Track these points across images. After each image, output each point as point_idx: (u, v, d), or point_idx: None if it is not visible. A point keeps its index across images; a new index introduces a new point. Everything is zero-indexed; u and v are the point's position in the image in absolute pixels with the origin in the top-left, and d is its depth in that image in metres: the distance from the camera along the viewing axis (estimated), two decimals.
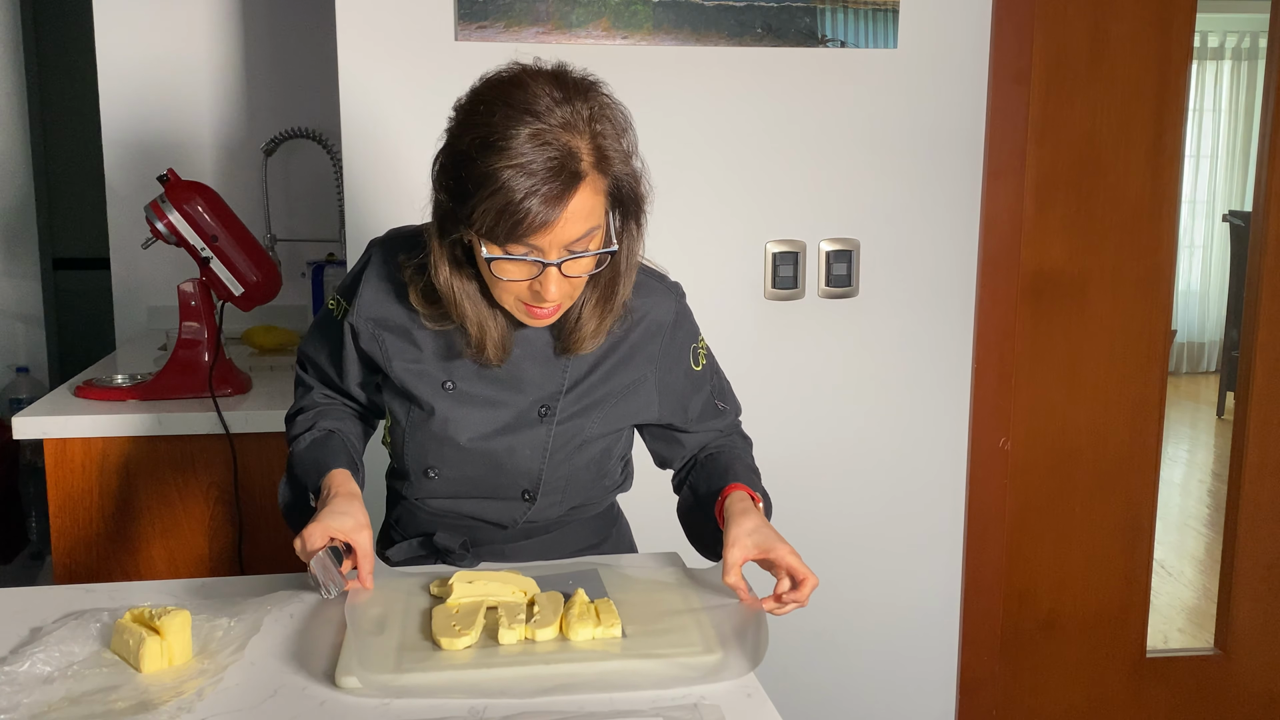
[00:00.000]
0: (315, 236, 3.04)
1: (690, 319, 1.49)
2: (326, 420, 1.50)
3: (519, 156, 1.18)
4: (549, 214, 1.19)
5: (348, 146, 2.10)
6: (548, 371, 1.39)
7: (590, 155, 1.22)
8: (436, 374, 1.40)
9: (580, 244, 1.25)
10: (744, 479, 1.45)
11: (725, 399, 1.56)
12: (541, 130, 1.19)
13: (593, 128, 1.23)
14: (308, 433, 1.47)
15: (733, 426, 1.58)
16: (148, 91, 2.99)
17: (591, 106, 1.23)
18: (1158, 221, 2.43)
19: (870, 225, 2.28)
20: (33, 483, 3.53)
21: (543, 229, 1.20)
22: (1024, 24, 2.28)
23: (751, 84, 2.19)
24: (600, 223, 1.26)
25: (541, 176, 1.18)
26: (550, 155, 1.18)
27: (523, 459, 1.41)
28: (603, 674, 1.17)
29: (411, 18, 2.08)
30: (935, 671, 2.45)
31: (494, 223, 1.20)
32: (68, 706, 1.11)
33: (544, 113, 1.20)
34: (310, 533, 1.28)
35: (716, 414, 1.54)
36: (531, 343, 1.39)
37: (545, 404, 1.40)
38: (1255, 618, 2.64)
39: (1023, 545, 2.50)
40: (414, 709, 1.11)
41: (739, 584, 1.33)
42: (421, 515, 1.51)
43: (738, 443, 1.57)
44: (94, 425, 2.09)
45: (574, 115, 1.21)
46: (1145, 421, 2.49)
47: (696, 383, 1.50)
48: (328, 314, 1.48)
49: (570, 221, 1.22)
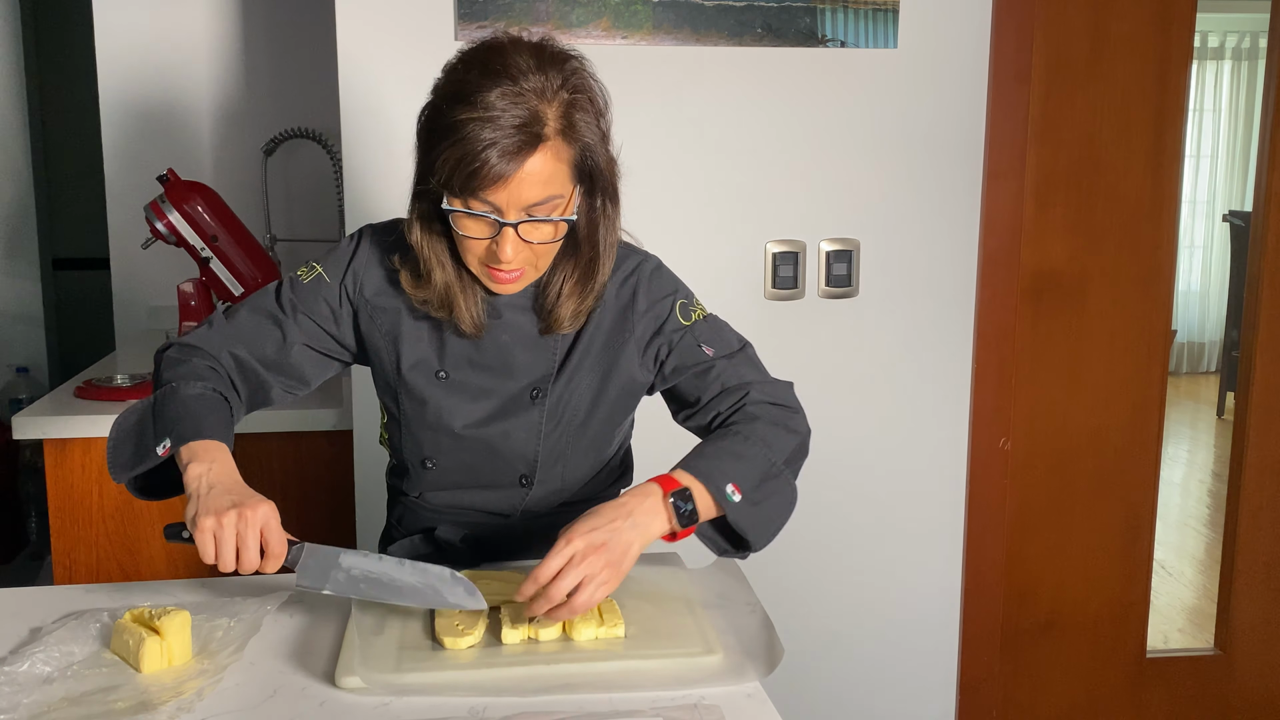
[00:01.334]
0: (315, 236, 3.04)
1: (666, 277, 1.44)
2: (221, 383, 1.37)
3: (485, 110, 1.20)
4: (504, 168, 1.21)
5: (348, 146, 2.10)
6: (537, 355, 1.40)
7: (557, 122, 1.24)
8: (430, 363, 1.41)
9: (540, 209, 1.26)
10: (684, 464, 1.30)
11: (715, 344, 1.42)
12: (511, 91, 1.21)
13: (563, 97, 1.24)
14: (199, 383, 1.33)
15: (746, 388, 1.40)
16: (147, 91, 2.99)
17: (566, 77, 1.26)
18: (1158, 221, 2.43)
19: (870, 225, 2.28)
20: (33, 483, 3.54)
21: (498, 183, 1.22)
22: (1024, 24, 2.28)
23: (751, 84, 2.19)
24: (563, 193, 1.27)
25: (504, 131, 1.20)
26: (515, 114, 1.21)
27: (517, 442, 1.42)
28: (605, 674, 1.17)
29: (412, 17, 2.08)
30: (935, 671, 2.45)
31: (453, 171, 1.22)
32: (67, 707, 1.11)
33: (517, 76, 1.22)
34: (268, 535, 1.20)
35: (701, 360, 1.41)
36: (519, 328, 1.40)
37: (537, 386, 1.40)
38: (1255, 618, 2.64)
39: (1023, 545, 2.50)
40: (414, 709, 1.11)
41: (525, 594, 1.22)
42: (424, 512, 1.51)
43: (749, 425, 1.36)
44: (94, 425, 2.09)
45: (546, 83, 1.23)
46: (1145, 421, 2.50)
47: (680, 333, 1.42)
48: (295, 279, 1.42)
49: (527, 182, 1.23)
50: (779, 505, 1.34)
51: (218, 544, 1.18)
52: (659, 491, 1.26)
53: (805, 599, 2.37)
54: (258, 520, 1.19)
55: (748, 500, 1.29)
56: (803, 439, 1.40)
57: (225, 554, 1.18)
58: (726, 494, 1.28)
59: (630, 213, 1.54)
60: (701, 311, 1.45)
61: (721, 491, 1.28)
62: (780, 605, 2.27)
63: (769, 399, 1.40)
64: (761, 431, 1.35)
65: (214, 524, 1.18)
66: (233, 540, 1.18)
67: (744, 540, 1.33)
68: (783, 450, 1.35)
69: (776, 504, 1.34)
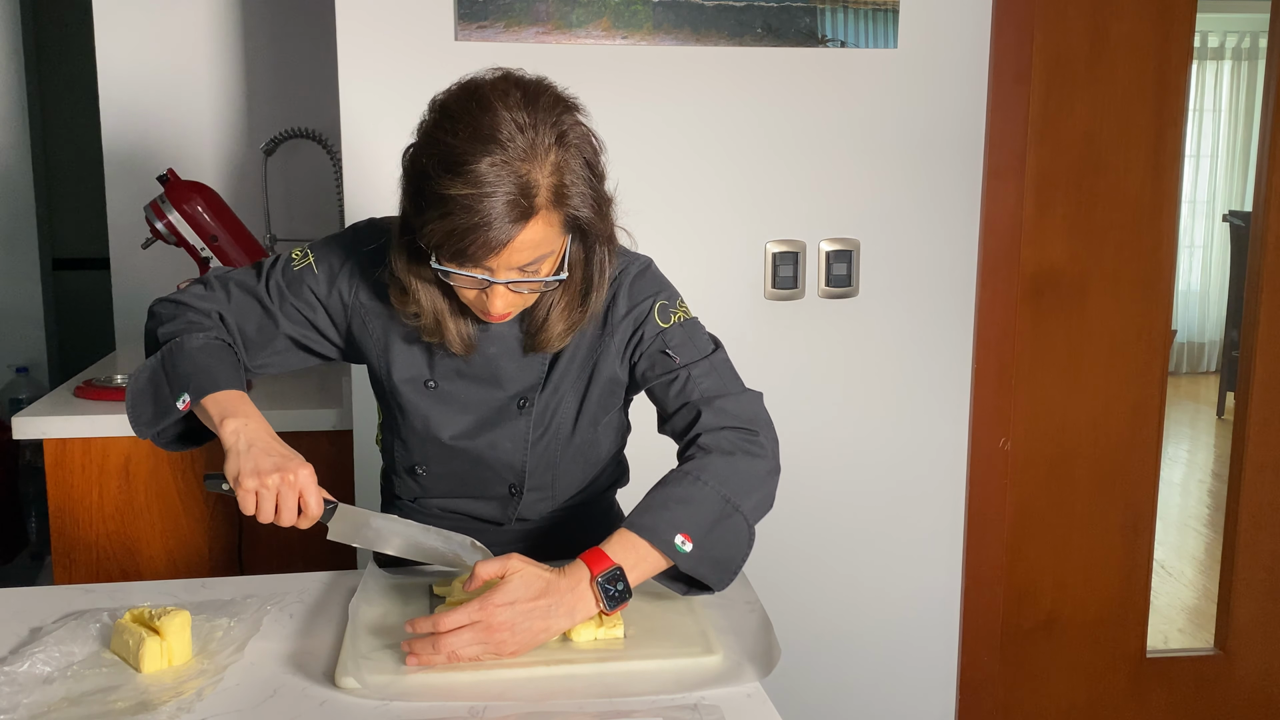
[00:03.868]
0: (315, 236, 3.04)
1: (648, 280, 1.42)
2: (222, 334, 1.39)
3: (473, 185, 1.17)
4: (496, 245, 1.19)
5: (348, 146, 2.10)
6: (525, 366, 1.40)
7: (548, 191, 1.20)
8: (420, 373, 1.41)
9: (530, 268, 1.25)
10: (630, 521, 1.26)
11: (681, 350, 1.39)
12: (501, 160, 1.17)
13: (553, 158, 1.20)
14: (201, 334, 1.36)
15: (700, 406, 1.35)
16: (148, 92, 2.99)
17: (561, 132, 1.21)
18: (1158, 221, 2.43)
19: (870, 225, 2.28)
20: (33, 483, 3.54)
21: (489, 257, 1.21)
22: (1024, 24, 2.28)
23: (751, 84, 2.19)
24: (554, 249, 1.26)
25: (496, 209, 1.17)
26: (506, 190, 1.17)
27: (504, 452, 1.42)
28: (604, 675, 1.17)
29: (411, 18, 2.08)
30: (935, 671, 2.45)
31: (442, 242, 1.21)
32: (67, 707, 1.11)
33: (506, 141, 1.18)
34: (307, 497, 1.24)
35: (667, 368, 1.38)
36: (505, 339, 1.39)
37: (524, 396, 1.40)
38: (1255, 618, 2.64)
39: (1023, 545, 2.50)
40: (414, 709, 1.11)
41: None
42: (419, 518, 1.51)
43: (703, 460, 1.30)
44: (94, 425, 2.09)
45: (538, 140, 1.19)
46: (1145, 421, 2.49)
47: (653, 334, 1.40)
48: (287, 263, 1.42)
49: (518, 250, 1.21)
50: (734, 546, 1.29)
51: (259, 501, 1.24)
52: (587, 576, 1.21)
53: (805, 599, 2.37)
54: (298, 483, 1.24)
55: (699, 547, 1.25)
56: (768, 462, 1.34)
57: (265, 511, 1.24)
58: (676, 546, 1.24)
59: (630, 213, 1.54)
60: (681, 314, 1.41)
61: (670, 545, 1.24)
62: (780, 605, 2.27)
63: (727, 424, 1.34)
64: (715, 467, 1.29)
65: (257, 484, 1.23)
66: (273, 500, 1.24)
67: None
68: (740, 484, 1.30)
69: (731, 545, 1.29)
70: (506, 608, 1.17)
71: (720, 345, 1.43)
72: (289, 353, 1.43)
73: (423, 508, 1.50)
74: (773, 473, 1.35)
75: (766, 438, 1.36)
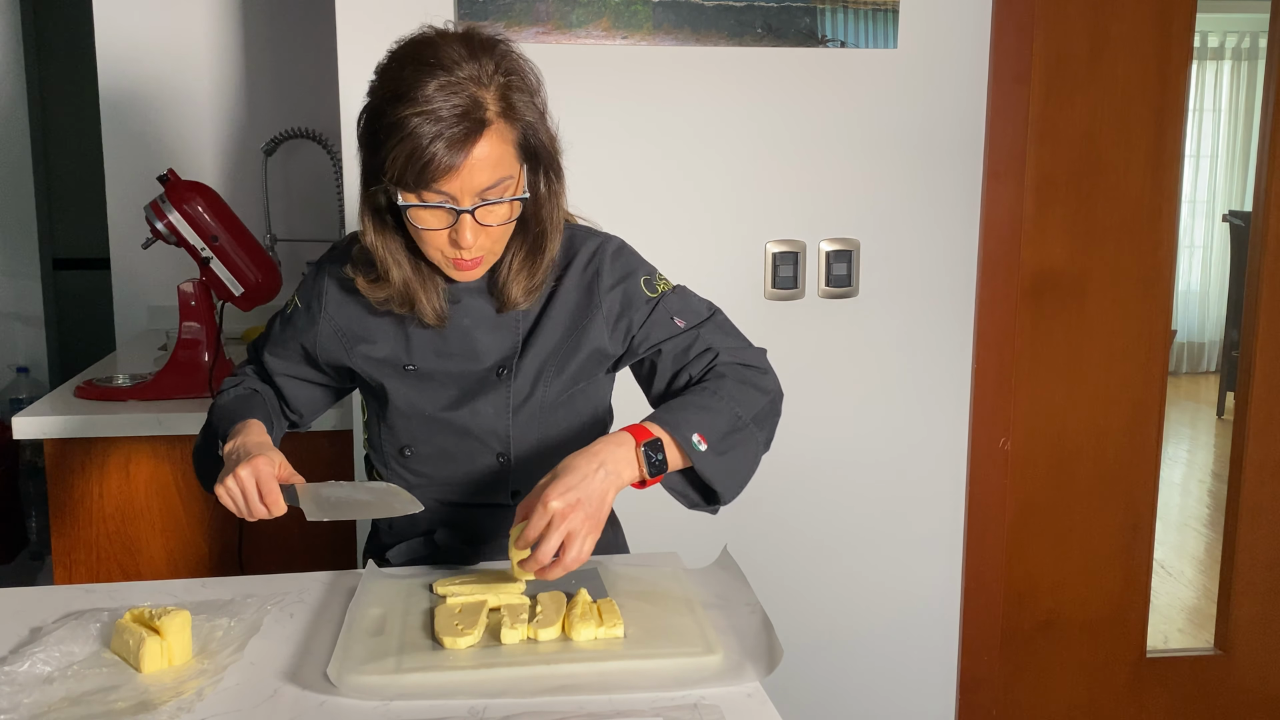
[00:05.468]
0: (315, 236, 3.04)
1: (630, 255, 1.47)
2: (254, 384, 1.57)
3: (426, 104, 1.23)
4: (454, 158, 1.24)
5: (348, 146, 2.10)
6: (499, 335, 1.43)
7: (496, 104, 1.27)
8: (398, 359, 1.45)
9: (492, 192, 1.29)
10: (653, 417, 1.34)
11: (686, 314, 1.45)
12: (448, 82, 1.24)
13: (498, 80, 1.27)
14: (233, 389, 1.55)
15: (715, 351, 1.43)
16: (147, 91, 2.99)
17: (498, 61, 1.29)
18: (1158, 221, 2.43)
19: (870, 225, 2.28)
20: (33, 483, 3.54)
21: (450, 173, 1.25)
22: (1024, 24, 2.28)
23: (751, 84, 2.19)
24: (512, 173, 1.30)
25: (447, 122, 1.23)
26: (455, 103, 1.24)
27: (487, 418, 1.44)
28: (604, 674, 1.17)
29: (412, 18, 2.06)
30: (935, 671, 2.45)
31: (404, 168, 1.25)
32: (68, 706, 1.11)
33: (451, 66, 1.25)
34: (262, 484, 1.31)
35: (673, 328, 1.44)
36: (479, 311, 1.42)
37: (502, 364, 1.44)
38: (1255, 618, 2.64)
39: (1023, 545, 2.50)
40: (414, 709, 1.11)
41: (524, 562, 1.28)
42: (418, 516, 1.51)
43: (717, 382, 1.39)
44: (94, 425, 2.09)
45: (480, 70, 1.26)
46: (1145, 422, 2.50)
47: (649, 305, 1.45)
48: (284, 311, 1.55)
49: (477, 167, 1.26)
50: (745, 457, 1.37)
51: (232, 502, 1.32)
52: (631, 441, 1.30)
53: (805, 599, 2.37)
54: (248, 478, 1.31)
55: (714, 450, 1.33)
56: (772, 398, 1.43)
57: (238, 509, 1.32)
58: (693, 444, 1.32)
59: (630, 213, 1.55)
60: (667, 284, 1.48)
61: (688, 441, 1.31)
62: (780, 605, 2.28)
63: (738, 360, 1.44)
64: (728, 389, 1.39)
65: (223, 489, 1.32)
66: (240, 497, 1.31)
67: (712, 492, 1.36)
68: (749, 406, 1.39)
69: (742, 455, 1.37)
70: (566, 492, 1.24)
71: (719, 310, 1.50)
72: (301, 393, 1.56)
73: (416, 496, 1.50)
74: (775, 407, 1.44)
75: (772, 380, 1.45)
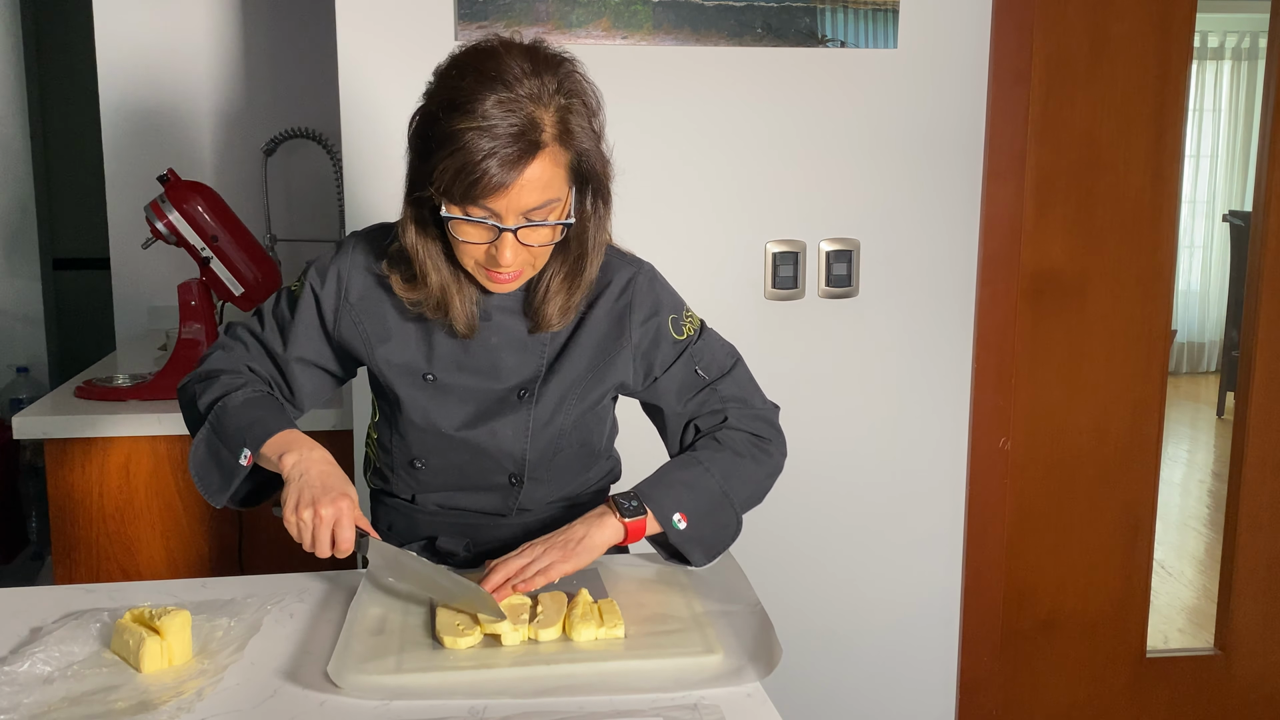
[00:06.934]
0: (315, 236, 3.04)
1: (661, 289, 1.47)
2: (257, 385, 1.44)
3: (482, 119, 1.21)
4: (504, 177, 1.22)
5: (348, 146, 2.10)
6: (525, 357, 1.41)
7: (554, 128, 1.24)
8: (418, 366, 1.42)
9: (538, 213, 1.27)
10: (640, 489, 1.39)
11: (709, 367, 1.48)
12: (508, 98, 1.22)
13: (559, 101, 1.25)
14: (239, 391, 1.40)
15: (737, 408, 1.47)
16: (147, 92, 2.99)
17: (561, 81, 1.26)
18: (1158, 221, 2.43)
19: (870, 225, 2.28)
20: (33, 483, 3.54)
21: (498, 192, 1.23)
22: (1024, 24, 2.28)
23: (751, 84, 2.19)
24: (560, 196, 1.28)
25: (502, 140, 1.21)
26: (513, 122, 1.21)
27: (505, 441, 1.42)
28: (604, 674, 1.17)
29: (411, 18, 2.08)
30: (935, 671, 2.45)
31: (452, 181, 1.23)
32: (68, 706, 1.11)
33: (513, 82, 1.23)
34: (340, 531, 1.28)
35: (695, 381, 1.47)
36: (508, 330, 1.40)
37: (524, 387, 1.42)
38: (1255, 618, 2.64)
39: (1023, 545, 2.50)
40: (414, 709, 1.11)
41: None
42: (419, 516, 1.51)
43: (715, 454, 1.43)
44: (94, 425, 2.09)
45: (542, 88, 1.24)
46: (1145, 421, 2.50)
47: (675, 349, 1.46)
48: (289, 294, 1.47)
49: (526, 189, 1.24)
50: (721, 535, 1.43)
51: (300, 532, 1.29)
52: (605, 505, 1.38)
53: (805, 599, 2.37)
54: (330, 519, 1.28)
55: (692, 528, 1.40)
56: (769, 471, 1.48)
57: (305, 543, 1.29)
58: (673, 522, 1.38)
59: (630, 213, 1.55)
60: (693, 325, 1.48)
61: (668, 519, 1.38)
62: (780, 605, 2.27)
63: (748, 430, 1.47)
64: (723, 463, 1.43)
65: (295, 519, 1.29)
66: (310, 533, 1.28)
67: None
68: (740, 485, 1.43)
69: (719, 534, 1.43)
70: (545, 539, 1.34)
71: (740, 358, 1.52)
72: (306, 378, 1.47)
73: (420, 505, 1.50)
74: (772, 476, 1.49)
75: (776, 448, 1.49)
